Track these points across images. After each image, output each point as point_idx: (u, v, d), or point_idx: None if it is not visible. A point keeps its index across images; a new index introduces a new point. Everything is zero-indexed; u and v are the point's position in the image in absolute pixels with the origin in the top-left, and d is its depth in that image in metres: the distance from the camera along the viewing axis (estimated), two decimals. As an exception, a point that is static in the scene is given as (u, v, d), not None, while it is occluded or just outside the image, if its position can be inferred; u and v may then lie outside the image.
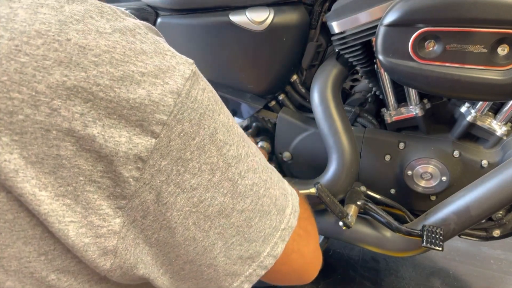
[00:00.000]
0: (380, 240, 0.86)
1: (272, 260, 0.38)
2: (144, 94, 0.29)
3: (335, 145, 0.82)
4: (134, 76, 0.29)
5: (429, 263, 1.18)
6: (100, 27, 0.29)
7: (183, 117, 0.31)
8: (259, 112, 0.97)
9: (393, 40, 0.66)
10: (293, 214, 0.41)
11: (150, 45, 0.31)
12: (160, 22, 0.90)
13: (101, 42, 0.28)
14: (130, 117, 0.29)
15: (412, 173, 0.84)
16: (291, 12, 0.81)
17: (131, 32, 0.31)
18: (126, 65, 0.29)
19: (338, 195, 0.83)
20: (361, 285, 1.12)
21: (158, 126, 0.29)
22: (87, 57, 0.28)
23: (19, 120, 0.26)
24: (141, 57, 0.30)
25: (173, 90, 0.30)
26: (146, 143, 0.29)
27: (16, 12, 0.27)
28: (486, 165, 0.79)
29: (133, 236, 0.32)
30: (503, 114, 0.76)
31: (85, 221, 0.29)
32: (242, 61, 0.88)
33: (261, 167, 0.38)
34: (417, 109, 0.82)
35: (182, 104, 0.31)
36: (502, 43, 0.60)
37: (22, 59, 0.26)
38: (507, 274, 1.14)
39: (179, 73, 0.31)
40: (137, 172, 0.30)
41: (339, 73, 0.83)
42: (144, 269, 0.34)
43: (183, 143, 0.31)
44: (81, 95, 0.27)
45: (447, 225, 0.77)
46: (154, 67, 0.30)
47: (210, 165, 0.33)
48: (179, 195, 0.32)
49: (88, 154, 0.28)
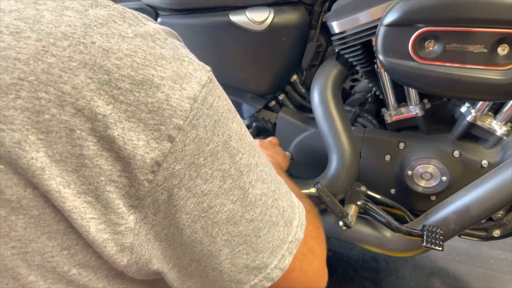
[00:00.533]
0: (380, 240, 0.86)
1: (279, 272, 0.38)
2: (163, 98, 0.30)
3: (335, 145, 0.82)
4: (154, 80, 0.29)
5: (429, 263, 1.18)
6: (122, 31, 0.30)
7: (198, 123, 0.31)
8: (259, 112, 0.97)
9: (393, 40, 0.66)
10: (300, 227, 0.40)
11: (169, 50, 0.32)
12: (160, 22, 0.90)
13: (124, 46, 0.29)
14: (149, 120, 0.29)
15: (412, 173, 0.84)
16: (291, 12, 0.81)
17: (151, 37, 0.31)
18: (146, 69, 0.29)
19: (338, 195, 0.83)
20: (361, 285, 1.12)
21: (174, 130, 0.30)
22: (110, 60, 0.28)
23: (45, 120, 0.27)
24: (160, 62, 0.30)
25: (190, 96, 0.31)
26: (163, 147, 0.30)
27: (42, 14, 0.28)
28: (486, 165, 0.79)
29: (145, 232, 0.33)
30: (503, 114, 0.76)
31: (104, 218, 0.30)
32: (242, 61, 0.88)
33: (270, 178, 0.39)
34: (417, 109, 0.82)
35: (197, 110, 0.31)
36: (502, 43, 0.60)
37: (49, 59, 0.27)
38: (507, 274, 1.14)
39: (196, 79, 0.32)
40: (152, 175, 0.30)
41: (339, 73, 0.83)
42: (157, 264, 0.34)
43: (197, 148, 0.31)
44: (103, 98, 0.28)
45: (447, 225, 0.77)
46: (173, 72, 0.31)
47: (222, 172, 0.33)
48: (189, 199, 0.33)
49: (108, 154, 0.29)
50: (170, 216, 0.33)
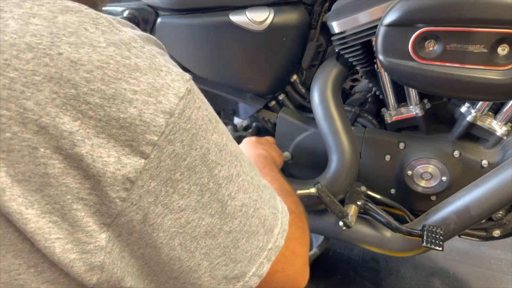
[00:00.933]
0: (380, 240, 0.86)
1: (257, 279, 0.38)
2: (135, 114, 0.28)
3: (335, 145, 0.81)
4: (126, 95, 0.28)
5: (429, 263, 1.18)
6: (94, 40, 0.28)
7: (174, 138, 0.30)
8: (259, 112, 0.97)
9: (393, 40, 0.66)
10: (281, 234, 0.40)
11: (145, 60, 0.30)
12: (160, 22, 0.90)
13: (94, 56, 0.27)
14: (120, 136, 0.28)
15: (412, 173, 0.84)
16: (291, 12, 0.81)
17: (126, 46, 0.29)
18: (118, 83, 0.28)
19: (338, 195, 0.83)
20: (361, 285, 1.12)
21: (148, 146, 0.29)
22: (79, 73, 0.27)
23: (6, 138, 0.26)
24: (134, 74, 0.29)
25: (166, 110, 0.29)
26: (135, 163, 0.29)
27: (7, 23, 0.26)
28: (486, 165, 0.79)
29: (119, 250, 0.32)
30: (503, 114, 0.76)
31: (71, 237, 0.29)
32: (242, 61, 0.88)
33: (253, 187, 0.38)
34: (417, 109, 0.82)
35: (174, 124, 0.30)
36: (502, 43, 0.60)
37: (11, 74, 0.25)
38: (507, 274, 1.14)
39: (174, 91, 0.30)
40: (125, 193, 0.29)
41: (339, 73, 0.83)
42: (131, 281, 0.33)
43: (173, 164, 0.30)
44: (70, 113, 0.27)
45: (447, 225, 0.77)
46: (148, 84, 0.29)
47: (200, 186, 0.32)
48: (166, 216, 0.32)
49: (76, 172, 0.28)
50: (146, 236, 0.32)
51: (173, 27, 0.89)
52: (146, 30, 0.92)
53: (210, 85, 0.95)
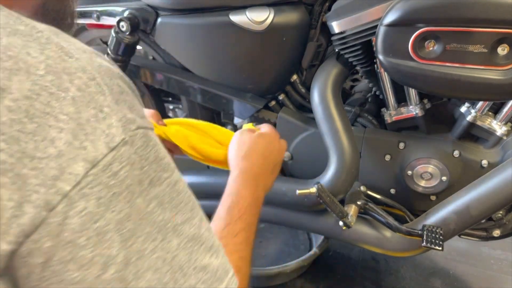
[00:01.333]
0: (380, 240, 0.86)
1: None
2: (53, 155, 0.25)
3: (335, 145, 0.81)
4: (50, 132, 0.25)
5: (429, 263, 1.18)
6: (32, 66, 0.25)
7: (91, 192, 0.26)
8: (259, 112, 0.97)
9: (393, 40, 0.67)
10: None
11: (87, 96, 0.26)
12: (160, 22, 0.90)
13: (26, 85, 0.24)
14: (29, 179, 0.24)
15: (412, 173, 0.84)
16: (291, 12, 0.81)
17: (69, 76, 0.26)
18: (44, 118, 0.25)
19: (338, 195, 0.83)
20: (361, 285, 1.12)
21: (56, 196, 0.25)
22: (3, 102, 0.24)
23: None
24: (67, 109, 0.25)
25: (88, 158, 0.25)
26: (36, 215, 0.24)
27: None
28: (486, 165, 0.79)
29: None
30: (503, 114, 0.76)
31: None
32: (242, 61, 0.88)
33: (168, 267, 0.30)
34: (417, 109, 0.82)
35: (94, 177, 0.26)
36: (502, 43, 0.60)
37: None
38: (507, 274, 1.14)
39: (106, 139, 0.26)
40: (14, 245, 0.24)
41: (339, 73, 0.83)
42: None
43: (81, 224, 0.25)
44: None
45: (447, 225, 0.77)
46: (78, 125, 0.26)
47: (105, 258, 0.27)
48: (52, 285, 0.26)
49: None
50: None
51: (174, 27, 0.89)
52: (147, 30, 0.92)
53: (210, 85, 0.96)
